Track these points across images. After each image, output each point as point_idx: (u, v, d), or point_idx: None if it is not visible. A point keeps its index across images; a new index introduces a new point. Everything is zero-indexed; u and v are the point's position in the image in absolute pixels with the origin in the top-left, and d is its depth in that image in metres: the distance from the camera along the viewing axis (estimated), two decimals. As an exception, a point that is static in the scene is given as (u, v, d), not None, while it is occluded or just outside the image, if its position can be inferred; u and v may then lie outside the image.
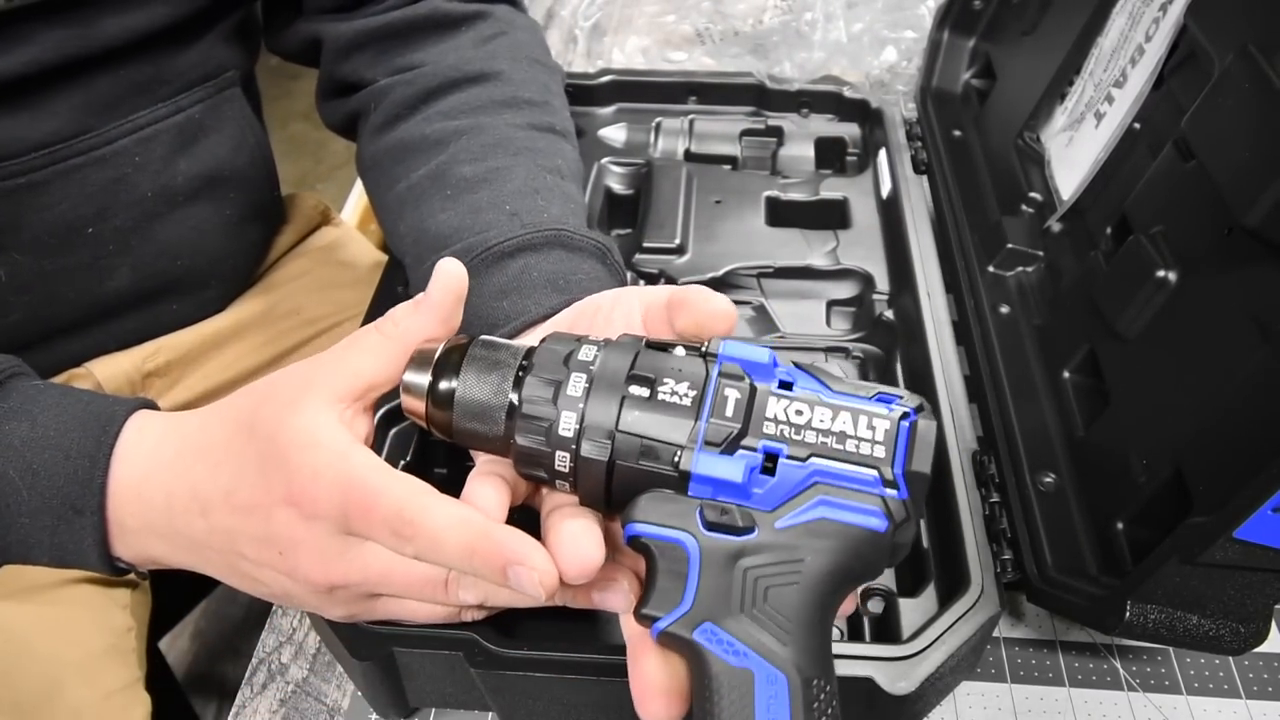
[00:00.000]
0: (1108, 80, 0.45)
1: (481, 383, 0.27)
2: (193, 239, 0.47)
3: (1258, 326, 0.31)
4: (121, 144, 0.42)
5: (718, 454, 0.24)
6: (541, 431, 0.26)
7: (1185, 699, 0.38)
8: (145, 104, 0.43)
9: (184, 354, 0.50)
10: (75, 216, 0.42)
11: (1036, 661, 0.39)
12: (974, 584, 0.34)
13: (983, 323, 0.45)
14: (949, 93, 0.59)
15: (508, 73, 0.44)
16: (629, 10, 0.77)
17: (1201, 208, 0.35)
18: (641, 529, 0.25)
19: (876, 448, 0.25)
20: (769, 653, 0.23)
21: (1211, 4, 0.39)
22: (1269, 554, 0.28)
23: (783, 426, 0.25)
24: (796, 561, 0.24)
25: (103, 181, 0.42)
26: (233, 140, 0.48)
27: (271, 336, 0.54)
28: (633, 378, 0.25)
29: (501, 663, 0.32)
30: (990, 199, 0.50)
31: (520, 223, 0.37)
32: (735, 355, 0.26)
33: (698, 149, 0.58)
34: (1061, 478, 0.39)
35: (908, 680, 0.31)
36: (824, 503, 0.24)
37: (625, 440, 0.25)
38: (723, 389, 0.25)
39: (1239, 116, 0.34)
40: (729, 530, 0.24)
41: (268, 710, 0.38)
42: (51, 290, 0.43)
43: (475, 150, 0.40)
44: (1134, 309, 0.37)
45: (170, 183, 0.45)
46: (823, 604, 0.24)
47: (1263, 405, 0.30)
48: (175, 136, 0.44)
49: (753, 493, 0.24)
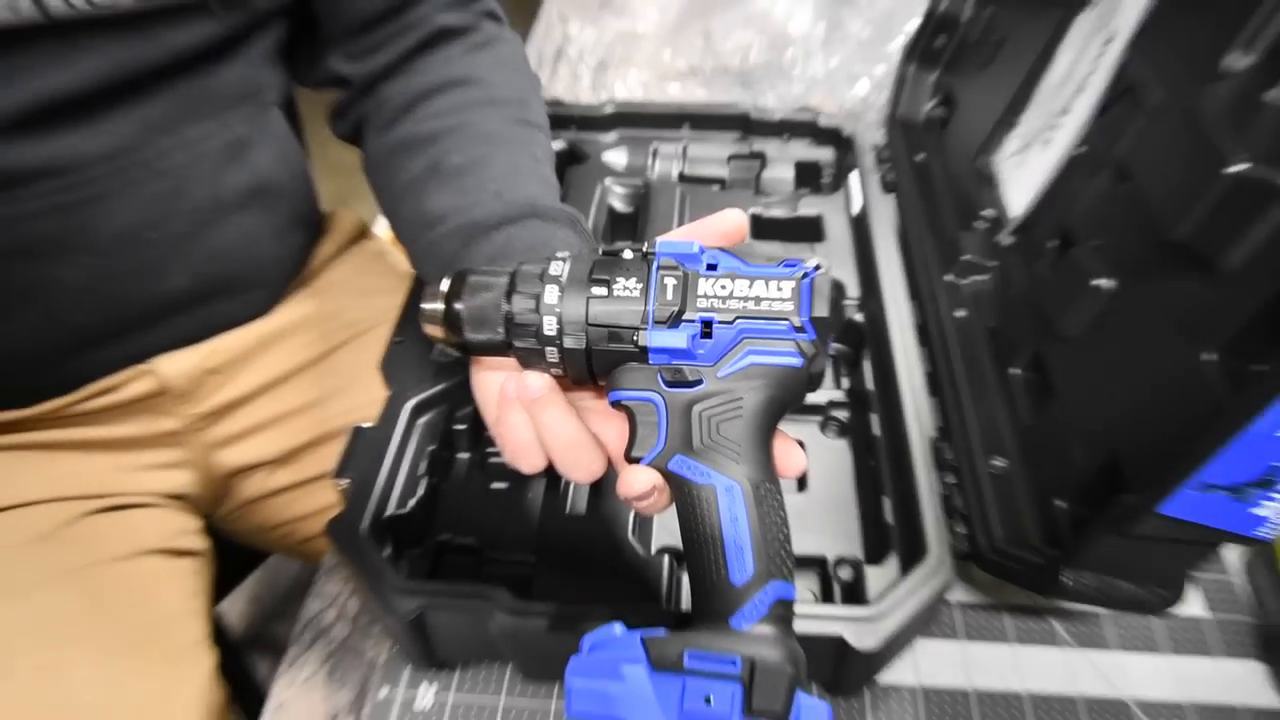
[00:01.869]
0: (1054, 110, 0.45)
1: (482, 302, 0.29)
2: (242, 244, 0.47)
3: (1183, 329, 0.31)
4: (176, 158, 0.42)
5: (666, 329, 0.27)
6: (532, 334, 0.28)
7: (1116, 655, 0.38)
8: (195, 119, 0.42)
9: (239, 354, 0.50)
10: (136, 224, 0.42)
11: (985, 622, 0.39)
12: (932, 554, 0.34)
13: (941, 325, 0.45)
14: (913, 121, 0.59)
15: (488, 78, 0.45)
16: (630, 48, 0.76)
17: (1135, 224, 0.35)
18: (621, 394, 0.28)
19: (786, 303, 0.27)
20: (725, 469, 0.26)
21: (1148, 43, 0.39)
22: (1188, 528, 0.29)
23: (712, 300, 0.27)
24: (737, 400, 0.27)
25: (160, 192, 0.42)
26: (274, 155, 0.47)
27: (315, 337, 0.54)
28: (593, 280, 0.28)
29: (517, 620, 0.32)
30: (949, 215, 0.50)
31: (503, 201, 0.38)
32: (669, 250, 0.29)
33: (690, 171, 0.58)
34: (1009, 462, 0.39)
35: (873, 638, 0.32)
36: (751, 352, 0.27)
37: (595, 330, 0.28)
38: (663, 279, 0.28)
39: (1170, 143, 0.34)
40: (684, 384, 0.27)
41: (314, 665, 0.39)
42: (117, 290, 0.43)
43: (463, 143, 0.41)
44: (1074, 313, 0.37)
45: (220, 193, 0.44)
46: (761, 428, 0.27)
47: (1186, 398, 0.30)
48: (223, 151, 0.44)
49: (696, 354, 0.27)
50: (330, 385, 0.54)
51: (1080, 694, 0.37)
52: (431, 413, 0.41)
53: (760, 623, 0.25)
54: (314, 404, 0.53)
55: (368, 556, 0.34)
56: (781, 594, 0.26)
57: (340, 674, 0.38)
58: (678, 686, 0.24)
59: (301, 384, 0.53)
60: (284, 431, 0.52)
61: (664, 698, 0.24)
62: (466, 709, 0.36)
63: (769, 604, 0.25)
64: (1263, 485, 0.27)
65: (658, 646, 0.25)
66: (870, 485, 0.42)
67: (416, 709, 0.36)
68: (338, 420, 0.53)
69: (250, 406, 0.51)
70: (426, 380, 0.41)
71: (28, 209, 0.38)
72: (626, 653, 0.25)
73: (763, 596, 0.25)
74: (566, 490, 0.42)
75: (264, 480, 0.53)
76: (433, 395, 0.41)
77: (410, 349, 0.43)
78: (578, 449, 0.29)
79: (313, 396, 0.53)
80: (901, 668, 0.37)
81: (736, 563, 0.26)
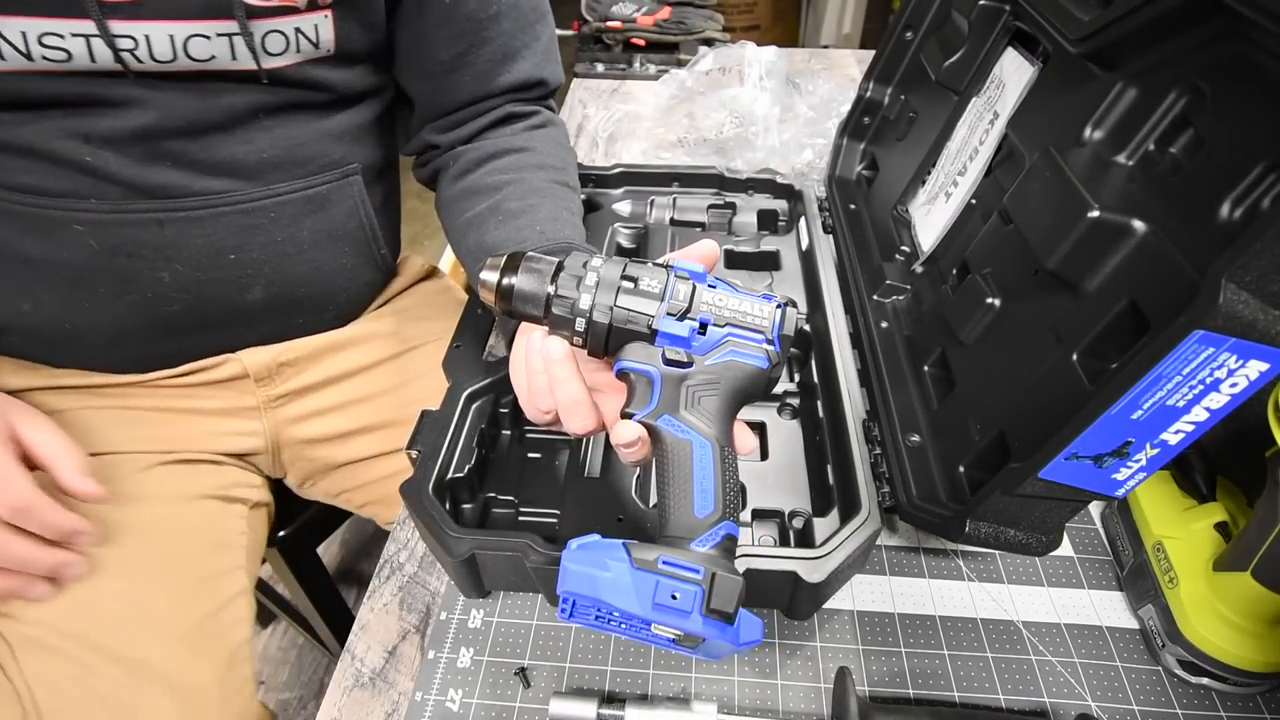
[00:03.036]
0: (954, 170, 0.45)
1: (531, 280, 0.29)
2: (312, 275, 0.45)
3: (1054, 336, 0.31)
4: (261, 203, 0.41)
5: (674, 320, 0.28)
6: (568, 307, 0.29)
7: (1007, 587, 0.38)
8: (283, 178, 0.41)
9: (309, 353, 0.49)
10: (221, 246, 0.40)
11: (906, 561, 0.39)
12: (864, 508, 0.34)
13: (869, 333, 0.45)
14: (847, 179, 0.59)
15: (541, 149, 0.45)
16: (633, 125, 0.76)
17: (1017, 256, 0.35)
18: (627, 364, 0.29)
19: (764, 321, 0.28)
20: (701, 431, 0.27)
21: (1024, 120, 0.39)
22: (1061, 489, 0.28)
23: (710, 307, 0.28)
24: (716, 382, 0.28)
25: (243, 226, 0.41)
26: (348, 211, 0.46)
27: (380, 346, 0.53)
28: (624, 276, 0.29)
29: (546, 560, 0.32)
30: (874, 250, 0.50)
31: (546, 238, 0.39)
32: (683, 266, 0.29)
33: (679, 217, 0.58)
34: (922, 437, 0.39)
35: (819, 573, 0.32)
36: (733, 351, 0.28)
37: (620, 312, 0.28)
38: (677, 284, 0.28)
39: (1042, 195, 0.34)
40: (678, 364, 0.28)
41: (390, 594, 0.38)
42: (203, 294, 0.42)
43: (519, 193, 0.42)
44: (971, 324, 0.37)
45: (297, 234, 0.43)
46: (731, 408, 0.28)
47: (1057, 389, 0.30)
48: (303, 203, 0.43)
49: (693, 343, 0.28)
50: (389, 383, 0.52)
51: (979, 616, 0.36)
52: (481, 400, 0.41)
53: (713, 549, 0.25)
54: (372, 396, 0.52)
55: (432, 510, 0.34)
56: (731, 530, 0.26)
57: (409, 601, 0.38)
58: (651, 583, 0.24)
59: (364, 380, 0.51)
60: (347, 416, 0.51)
61: (640, 590, 0.24)
62: (506, 628, 0.36)
63: (722, 536, 0.26)
64: (1119, 455, 0.27)
65: (638, 550, 0.25)
66: (816, 455, 0.41)
67: (469, 628, 0.36)
68: (393, 411, 0.51)
69: (318, 394, 0.50)
70: (478, 375, 0.41)
71: (133, 218, 0.38)
72: (612, 551, 0.25)
73: (718, 529, 0.26)
74: (585, 459, 0.42)
75: (330, 453, 0.52)
76: (483, 386, 0.41)
77: (466, 351, 0.43)
78: (578, 405, 0.30)
79: (372, 390, 0.52)
80: (842, 596, 0.37)
81: (701, 500, 0.26)
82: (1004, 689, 0.33)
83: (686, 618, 0.24)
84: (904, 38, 0.53)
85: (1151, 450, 0.26)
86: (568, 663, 0.34)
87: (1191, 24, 0.28)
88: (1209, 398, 0.24)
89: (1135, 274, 0.28)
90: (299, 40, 0.38)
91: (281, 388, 0.49)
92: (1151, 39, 0.30)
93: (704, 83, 0.78)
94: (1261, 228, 0.21)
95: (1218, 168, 0.27)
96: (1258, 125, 0.26)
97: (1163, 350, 0.23)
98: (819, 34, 2.10)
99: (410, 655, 0.35)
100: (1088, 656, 0.34)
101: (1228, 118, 0.27)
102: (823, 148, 0.69)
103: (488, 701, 0.33)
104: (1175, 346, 0.23)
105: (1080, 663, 0.34)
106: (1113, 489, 0.28)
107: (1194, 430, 0.25)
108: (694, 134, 0.74)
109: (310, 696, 0.88)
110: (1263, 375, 0.23)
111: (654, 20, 0.91)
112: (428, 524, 0.33)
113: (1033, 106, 0.38)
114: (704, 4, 0.95)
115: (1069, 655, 0.35)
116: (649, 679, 0.33)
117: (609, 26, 0.91)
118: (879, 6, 2.09)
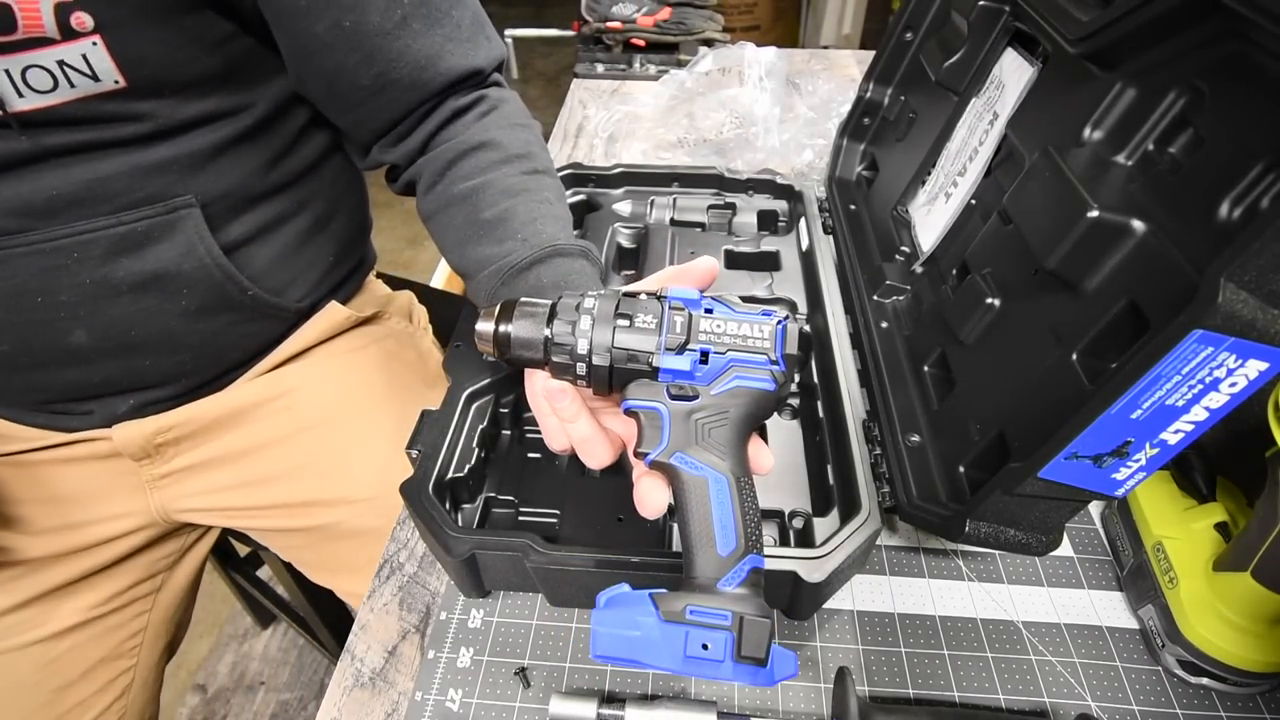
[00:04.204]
0: (954, 171, 0.45)
1: (527, 325, 0.29)
2: (141, 318, 0.40)
3: (1054, 335, 0.31)
4: (60, 243, 0.36)
5: (674, 354, 0.27)
6: (567, 353, 0.28)
7: (1007, 587, 0.38)
8: (86, 215, 0.36)
9: (194, 429, 0.44)
10: (25, 288, 0.37)
11: (906, 561, 0.39)
12: (864, 508, 0.34)
13: (869, 333, 0.45)
14: (847, 180, 0.59)
15: (499, 139, 0.42)
16: (633, 125, 0.77)
17: (1016, 256, 0.35)
18: (633, 403, 0.28)
19: (765, 341, 0.28)
20: (715, 465, 0.26)
21: (1023, 120, 0.39)
22: (1061, 488, 0.28)
23: (710, 335, 0.28)
24: (725, 412, 0.27)
25: (44, 268, 0.37)
26: (180, 249, 0.39)
27: (289, 414, 0.47)
28: (618, 314, 0.28)
29: (546, 560, 0.32)
30: (874, 251, 0.50)
31: (529, 245, 0.37)
32: (676, 295, 0.29)
33: (679, 218, 0.58)
34: (922, 437, 0.39)
35: (819, 573, 0.32)
36: (738, 377, 0.27)
37: (619, 352, 0.28)
38: (672, 316, 0.28)
39: (1042, 195, 0.34)
40: (684, 398, 0.27)
41: (390, 594, 0.38)
42: (24, 335, 0.38)
43: (489, 199, 0.39)
44: (971, 324, 0.37)
45: (111, 276, 0.38)
46: (742, 434, 0.27)
47: (1057, 389, 0.30)
48: (116, 242, 0.37)
49: (696, 375, 0.27)
50: (308, 456, 0.46)
51: (979, 616, 0.36)
52: (481, 400, 0.41)
53: (740, 586, 0.25)
54: (287, 475, 0.46)
55: (432, 510, 0.34)
56: (756, 564, 0.25)
57: (409, 601, 0.38)
58: (681, 635, 0.24)
59: (279, 454, 0.46)
60: (252, 493, 0.46)
61: (670, 645, 0.24)
62: (506, 628, 0.36)
63: (747, 571, 0.25)
64: (1118, 455, 0.26)
65: (664, 602, 0.25)
66: (817, 455, 0.41)
67: (469, 628, 0.36)
68: (317, 490, 0.46)
69: (212, 473, 0.46)
70: (478, 375, 0.41)
71: None
72: (639, 607, 0.25)
73: (743, 565, 0.25)
74: (584, 460, 0.42)
75: (250, 527, 0.47)
76: (483, 386, 0.41)
77: (466, 351, 0.43)
78: (590, 443, 0.29)
79: (287, 466, 0.46)
80: (842, 596, 0.37)
81: (723, 537, 0.25)
82: (1004, 689, 0.33)
83: (719, 666, 0.23)
84: (904, 38, 0.53)
85: (1151, 450, 0.26)
86: (568, 662, 0.34)
87: (1190, 24, 0.28)
88: (1208, 397, 0.24)
89: (1135, 273, 0.28)
90: (67, 74, 0.32)
91: (163, 468, 0.46)
92: (1150, 39, 0.30)
93: (704, 83, 0.78)
94: (1260, 227, 0.21)
95: (1217, 167, 0.27)
96: (1256, 125, 0.26)
97: (1162, 350, 0.23)
98: (819, 34, 2.10)
99: (410, 655, 0.35)
100: (1088, 656, 0.34)
101: (1227, 117, 0.27)
102: (823, 148, 0.69)
103: (488, 701, 0.33)
104: (1175, 346, 0.23)
105: (1080, 663, 0.34)
106: (1112, 489, 0.28)
107: (1193, 430, 0.25)
108: (694, 134, 0.74)
109: (310, 696, 0.88)
110: (1262, 375, 0.23)
111: (654, 21, 0.91)
112: (428, 524, 0.33)
113: (1032, 107, 0.38)
114: (704, 4, 0.95)
115: (1069, 655, 0.34)
116: (649, 679, 0.33)
117: (609, 27, 0.91)
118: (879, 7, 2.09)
